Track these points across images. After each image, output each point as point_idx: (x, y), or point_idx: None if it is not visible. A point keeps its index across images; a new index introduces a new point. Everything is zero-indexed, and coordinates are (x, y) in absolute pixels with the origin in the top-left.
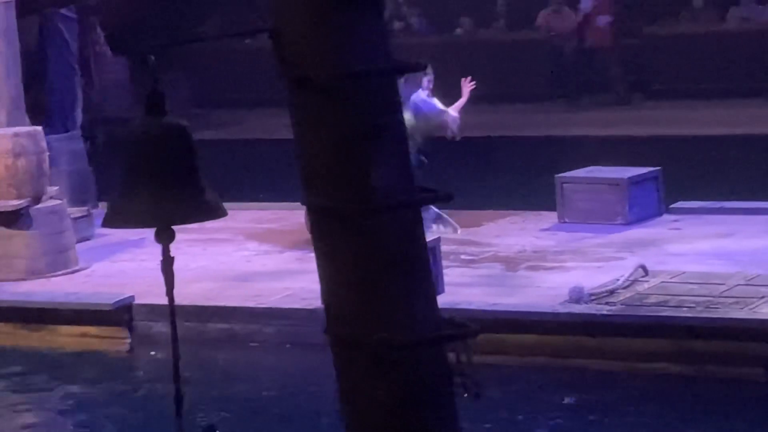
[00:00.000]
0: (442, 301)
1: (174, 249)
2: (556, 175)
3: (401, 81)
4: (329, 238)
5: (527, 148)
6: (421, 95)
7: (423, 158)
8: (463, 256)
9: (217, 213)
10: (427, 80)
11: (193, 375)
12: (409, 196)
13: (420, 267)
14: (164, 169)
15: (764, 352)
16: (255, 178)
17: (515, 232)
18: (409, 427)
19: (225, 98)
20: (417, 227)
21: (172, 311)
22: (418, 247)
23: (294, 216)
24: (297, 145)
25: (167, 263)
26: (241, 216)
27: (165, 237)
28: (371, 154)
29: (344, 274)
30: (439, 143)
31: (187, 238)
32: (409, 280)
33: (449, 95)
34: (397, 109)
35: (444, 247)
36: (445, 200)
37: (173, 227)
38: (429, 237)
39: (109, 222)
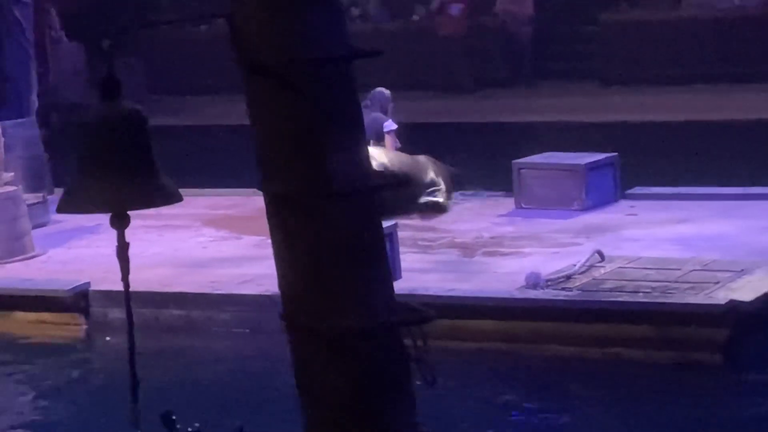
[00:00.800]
0: (399, 287)
1: (130, 235)
2: (514, 161)
3: (365, 105)
4: (285, 224)
5: (484, 134)
6: (391, 125)
7: None
8: (420, 242)
9: (173, 198)
10: (392, 106)
11: (149, 361)
12: (366, 182)
13: (376, 253)
14: (119, 155)
15: (720, 337)
16: (212, 165)
17: (472, 218)
18: (365, 413)
19: (181, 84)
20: (373, 213)
21: (128, 297)
22: (375, 233)
23: (251, 202)
24: (253, 132)
25: (122, 249)
26: (197, 202)
27: (120, 222)
28: (328, 141)
29: (300, 260)
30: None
31: (144, 224)
32: (366, 266)
33: (406, 84)
34: (353, 95)
35: (401, 233)
36: (401, 186)
37: (128, 213)
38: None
39: (64, 207)
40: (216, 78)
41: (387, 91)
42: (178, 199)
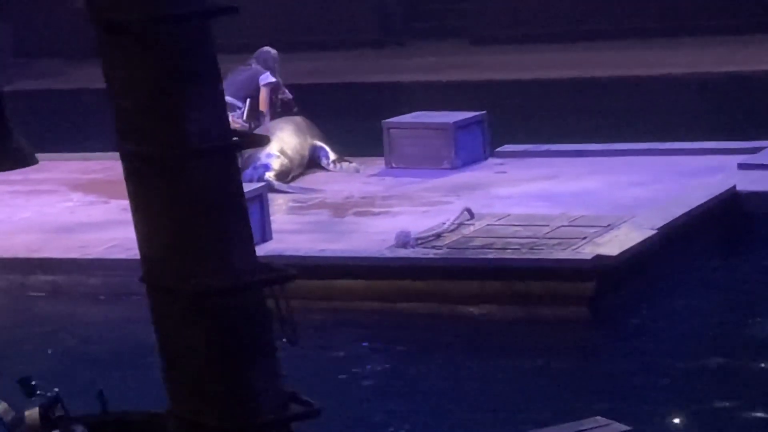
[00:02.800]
0: (270, 248)
1: None
2: (383, 121)
3: (248, 64)
4: (143, 185)
5: (354, 95)
6: (268, 77)
7: None
8: (291, 203)
9: (27, 161)
10: (277, 66)
11: (16, 327)
12: (225, 140)
13: (236, 212)
14: None
15: (587, 290)
16: (81, 129)
17: (343, 178)
18: (227, 373)
19: (49, 47)
20: (233, 172)
21: None
22: (234, 191)
23: (120, 166)
24: (109, 91)
25: None
26: (65, 167)
27: None
28: (185, 99)
29: (159, 220)
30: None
31: (10, 189)
32: (225, 226)
33: (274, 45)
34: (211, 53)
35: (271, 195)
36: (262, 144)
37: None
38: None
39: None
40: (85, 41)
41: (273, 51)
42: (33, 161)
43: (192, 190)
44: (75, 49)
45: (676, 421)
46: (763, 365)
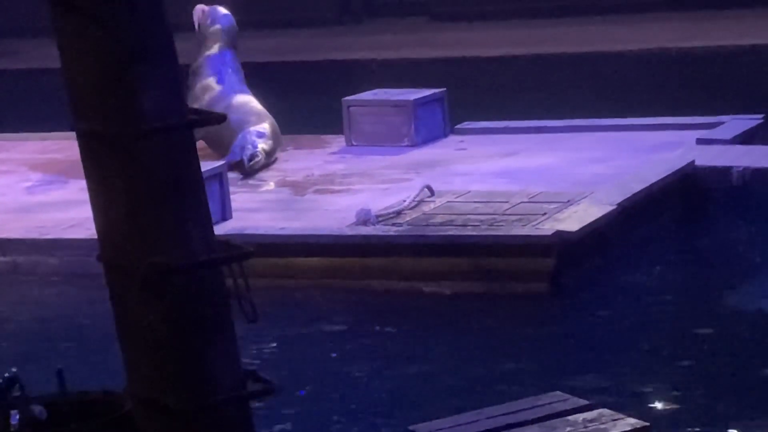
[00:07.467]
0: (230, 226)
1: None
2: (343, 99)
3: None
4: (99, 164)
5: (314, 72)
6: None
7: None
8: (250, 182)
9: None
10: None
11: None
12: (181, 118)
13: (193, 190)
14: None
15: (547, 267)
16: (40, 109)
17: (303, 156)
18: (184, 352)
19: (4, 27)
20: (189, 150)
21: None
22: (191, 170)
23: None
24: (64, 70)
25: None
26: (23, 147)
27: None
28: (140, 77)
29: (115, 199)
30: None
31: None
32: (182, 204)
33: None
34: (166, 30)
35: (231, 174)
36: (218, 122)
37: None
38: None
39: None
40: (41, 19)
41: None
42: None
43: (148, 169)
44: (30, 27)
45: (637, 395)
46: (724, 337)
